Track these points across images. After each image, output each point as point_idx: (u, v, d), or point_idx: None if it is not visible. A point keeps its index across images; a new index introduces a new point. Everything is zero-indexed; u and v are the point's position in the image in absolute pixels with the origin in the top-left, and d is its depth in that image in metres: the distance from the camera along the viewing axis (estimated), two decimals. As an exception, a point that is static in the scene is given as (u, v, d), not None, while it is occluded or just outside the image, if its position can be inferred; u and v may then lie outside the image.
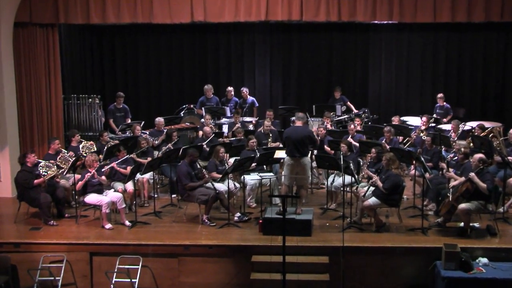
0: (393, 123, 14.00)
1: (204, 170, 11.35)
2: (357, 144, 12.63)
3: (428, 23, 13.93)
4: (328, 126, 14.10)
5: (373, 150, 11.37)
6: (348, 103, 15.96)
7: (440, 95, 15.45)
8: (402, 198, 11.19)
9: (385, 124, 13.68)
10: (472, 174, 10.05)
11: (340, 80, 17.02)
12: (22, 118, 13.43)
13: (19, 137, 13.40)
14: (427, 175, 10.86)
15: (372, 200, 10.51)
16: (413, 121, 14.84)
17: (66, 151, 12.18)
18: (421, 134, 13.34)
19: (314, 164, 12.46)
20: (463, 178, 10.44)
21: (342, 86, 16.39)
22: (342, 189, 11.30)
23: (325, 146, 12.83)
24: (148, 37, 17.42)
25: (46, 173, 11.24)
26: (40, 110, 13.69)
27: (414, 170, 11.56)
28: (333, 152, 12.67)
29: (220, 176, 11.37)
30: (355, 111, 15.63)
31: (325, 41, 17.25)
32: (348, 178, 11.09)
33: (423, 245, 10.03)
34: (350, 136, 13.00)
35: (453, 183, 10.64)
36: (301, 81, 17.44)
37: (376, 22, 14.47)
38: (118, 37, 17.50)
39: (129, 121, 15.04)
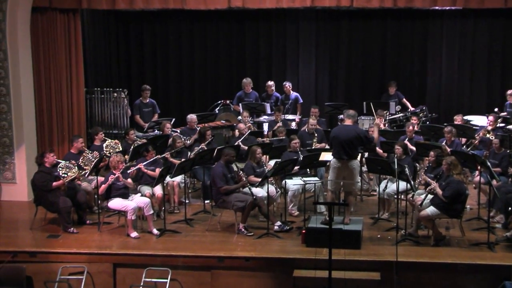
0: (455, 122, 13.82)
1: (241, 172, 11.37)
2: (414, 149, 12.50)
3: (498, 8, 13.72)
4: (381, 125, 13.98)
5: (432, 153, 11.25)
6: (404, 99, 15.83)
7: (510, 91, 15.19)
8: (465, 208, 11.02)
9: (445, 124, 13.52)
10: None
11: (395, 74, 16.90)
12: (40, 114, 13.64)
13: (36, 135, 13.61)
14: (494, 182, 10.70)
15: (430, 209, 10.40)
16: (478, 120, 14.64)
17: (89, 151, 12.31)
18: (488, 136, 13.16)
19: (365, 168, 12.38)
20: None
21: (397, 80, 16.27)
22: (396, 196, 11.20)
23: (377, 148, 12.72)
24: (180, 24, 17.53)
25: (66, 175, 11.36)
26: (60, 105, 13.89)
27: (479, 177, 11.41)
28: (386, 155, 12.59)
29: (259, 180, 11.38)
30: (411, 108, 15.49)
31: (378, 29, 17.14)
32: (403, 185, 11.00)
33: (490, 262, 9.88)
34: (408, 137, 12.86)
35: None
36: (351, 74, 17.36)
37: (437, 8, 14.30)
38: (147, 25, 17.64)
39: (157, 116, 15.17)
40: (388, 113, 14.93)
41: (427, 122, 14.81)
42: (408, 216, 11.15)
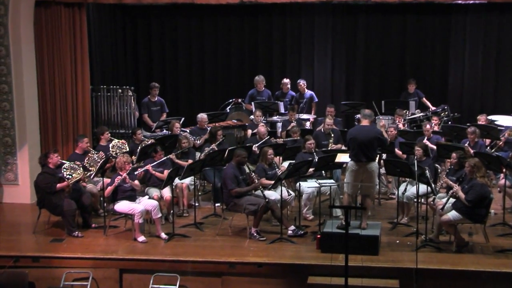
0: (479, 122, 13.78)
1: (253, 174, 11.36)
2: (435, 147, 12.48)
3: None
4: (400, 125, 13.98)
5: (454, 154, 11.22)
6: (424, 98, 15.78)
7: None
8: (489, 213, 10.98)
9: (468, 124, 13.48)
10: None
11: (414, 72, 16.86)
12: (44, 113, 13.69)
13: (40, 134, 13.67)
14: (520, 185, 10.66)
15: (452, 214, 10.36)
16: (503, 120, 14.57)
17: (95, 151, 12.33)
18: (513, 136, 13.12)
19: (383, 170, 12.35)
20: None
21: (417, 78, 16.21)
22: (415, 200, 11.17)
23: (396, 150, 12.72)
24: (189, 20, 17.56)
25: (70, 176, 11.38)
26: (65, 103, 13.94)
27: (504, 180, 11.35)
28: (405, 156, 12.60)
29: (271, 183, 11.37)
30: (432, 108, 15.45)
31: (398, 24, 17.10)
32: (423, 188, 10.96)
33: (515, 270, 9.85)
34: (426, 137, 12.83)
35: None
36: (368, 72, 17.34)
37: (459, 1, 14.23)
38: (155, 20, 17.68)
39: (165, 116, 15.20)
40: (407, 112, 14.88)
41: (449, 122, 14.77)
42: (429, 221, 11.11)
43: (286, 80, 15.87)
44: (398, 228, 11.43)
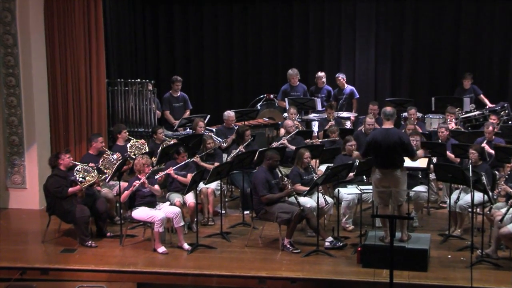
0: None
1: (286, 178, 11.35)
2: (493, 152, 12.37)
3: None
4: (452, 125, 13.87)
5: (515, 158, 11.13)
6: (482, 95, 15.68)
7: None
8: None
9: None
10: None
11: (470, 65, 16.79)
12: (55, 109, 13.78)
13: (50, 133, 13.78)
14: None
15: (513, 226, 10.27)
16: None
17: (110, 152, 12.40)
18: None
19: (432, 175, 12.27)
20: None
21: (474, 72, 16.12)
22: (470, 210, 11.11)
23: (448, 152, 12.64)
24: (216, 8, 17.66)
25: (83, 179, 11.45)
26: (78, 98, 14.03)
27: None
28: (458, 160, 12.53)
29: (306, 189, 11.35)
30: (490, 105, 15.34)
31: (451, 10, 17.00)
32: (478, 196, 10.88)
33: None
34: (487, 140, 12.69)
35: None
36: (417, 65, 17.30)
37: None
38: (178, 8, 17.80)
39: (189, 113, 15.26)
40: (461, 111, 14.78)
41: (509, 122, 14.64)
42: (485, 233, 10.96)
43: (321, 74, 15.87)
44: (450, 241, 11.36)
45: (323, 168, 12.49)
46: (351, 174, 11.71)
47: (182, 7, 17.70)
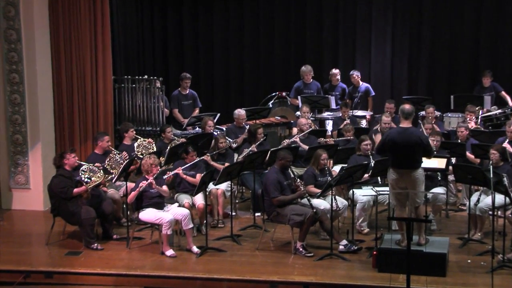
0: None
1: (298, 179, 11.34)
2: (515, 151, 12.32)
3: None
4: (472, 124, 13.81)
5: (538, 159, 11.09)
6: (503, 92, 15.61)
7: None
8: None
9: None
10: None
11: (491, 62, 16.73)
12: (60, 107, 13.81)
13: (55, 131, 13.81)
14: None
15: (535, 229, 10.24)
16: None
17: (117, 151, 12.42)
18: None
19: (451, 177, 12.23)
20: None
21: (494, 69, 16.08)
22: (491, 213, 11.06)
23: (468, 153, 12.62)
24: (226, 3, 17.63)
25: (89, 180, 11.47)
26: (84, 96, 14.06)
27: None
28: (478, 161, 12.51)
29: (319, 191, 11.35)
30: (512, 104, 15.28)
31: (470, 6, 16.96)
32: (500, 198, 10.84)
33: None
34: (509, 140, 12.64)
35: None
36: (435, 62, 17.25)
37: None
38: (188, 2, 17.77)
39: (198, 111, 15.27)
40: (481, 109, 14.72)
41: (532, 121, 14.57)
42: (507, 237, 10.94)
43: (335, 71, 15.86)
44: (469, 245, 11.33)
45: (337, 168, 12.46)
46: (366, 175, 11.70)
47: (192, 2, 17.71)
